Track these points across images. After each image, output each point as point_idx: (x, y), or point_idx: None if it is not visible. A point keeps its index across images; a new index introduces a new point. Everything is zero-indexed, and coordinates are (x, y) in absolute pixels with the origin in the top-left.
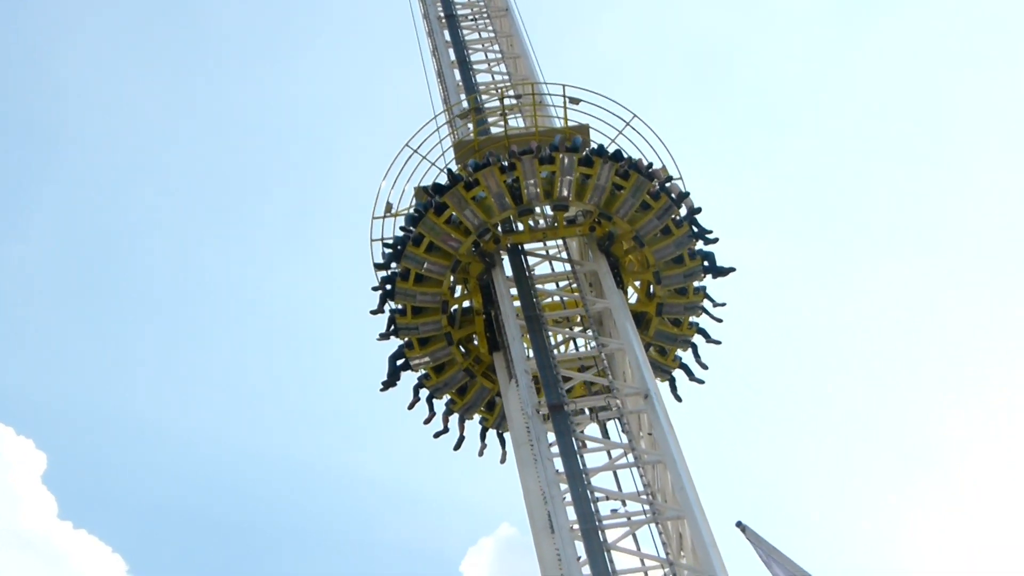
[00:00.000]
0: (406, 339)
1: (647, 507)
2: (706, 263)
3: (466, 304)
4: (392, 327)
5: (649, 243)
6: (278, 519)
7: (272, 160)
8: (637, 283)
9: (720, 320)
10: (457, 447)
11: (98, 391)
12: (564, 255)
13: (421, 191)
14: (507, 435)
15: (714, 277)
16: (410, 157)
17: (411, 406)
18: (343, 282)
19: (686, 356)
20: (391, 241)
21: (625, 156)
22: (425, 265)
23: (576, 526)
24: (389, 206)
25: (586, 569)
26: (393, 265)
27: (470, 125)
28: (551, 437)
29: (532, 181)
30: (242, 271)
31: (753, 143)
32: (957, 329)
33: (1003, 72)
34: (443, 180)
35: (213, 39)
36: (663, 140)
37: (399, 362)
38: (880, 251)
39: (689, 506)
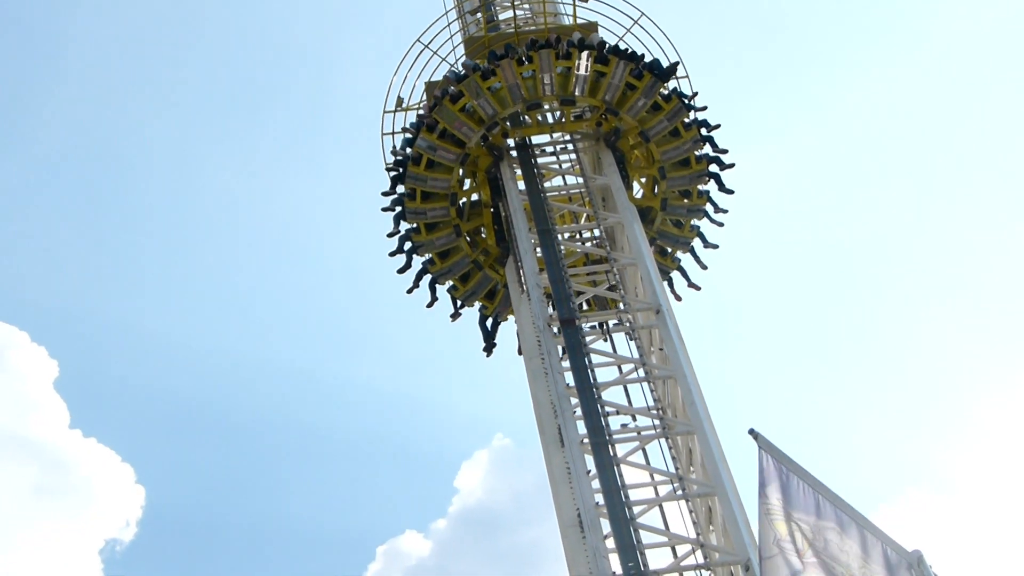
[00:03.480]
0: (413, 223)
1: (657, 422)
2: (711, 168)
3: (474, 198)
4: (400, 209)
5: (656, 142)
6: (283, 427)
7: (276, 65)
8: (643, 179)
9: (721, 224)
10: (488, 351)
11: (110, 301)
12: (572, 155)
13: (432, 86)
14: (503, 324)
15: (719, 188)
16: (421, 52)
17: (410, 290)
18: (348, 190)
19: (685, 260)
20: (409, 126)
21: (640, 57)
22: (437, 151)
23: (586, 440)
24: (400, 100)
25: (595, 483)
26: (408, 151)
27: (480, 19)
28: (562, 351)
29: (548, 76)
30: (247, 178)
31: (759, 52)
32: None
33: None
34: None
35: None
36: (670, 38)
37: (407, 245)
38: (887, 165)
39: (699, 421)
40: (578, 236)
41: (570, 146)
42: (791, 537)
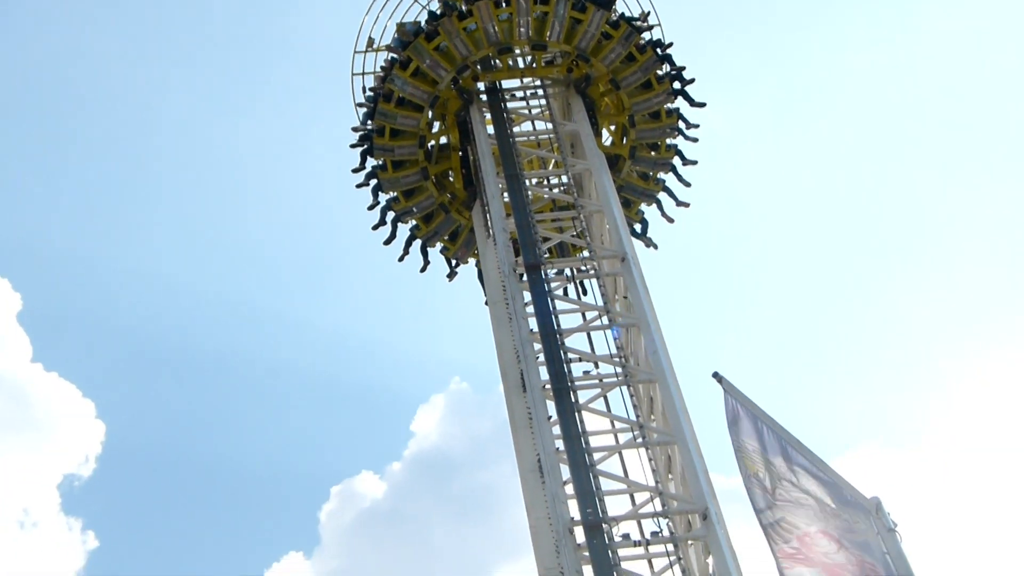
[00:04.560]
0: (380, 160)
1: (619, 370)
2: (681, 123)
3: (443, 141)
4: (367, 145)
5: (628, 92)
6: (243, 366)
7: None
8: (612, 127)
9: (689, 184)
10: (423, 270)
11: (76, 235)
12: (542, 101)
13: (403, 28)
14: (463, 267)
15: (686, 139)
16: None
17: (376, 227)
18: (315, 129)
19: (649, 211)
20: (384, 62)
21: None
22: (409, 89)
23: (548, 386)
24: (371, 41)
25: (556, 429)
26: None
27: None
28: (527, 296)
29: (525, 19)
30: (212, 114)
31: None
32: (925, 202)
33: None
34: (424, 18)
35: None
36: None
37: (372, 181)
38: (846, 118)
39: (661, 370)
40: (546, 182)
41: (540, 91)
42: (763, 475)
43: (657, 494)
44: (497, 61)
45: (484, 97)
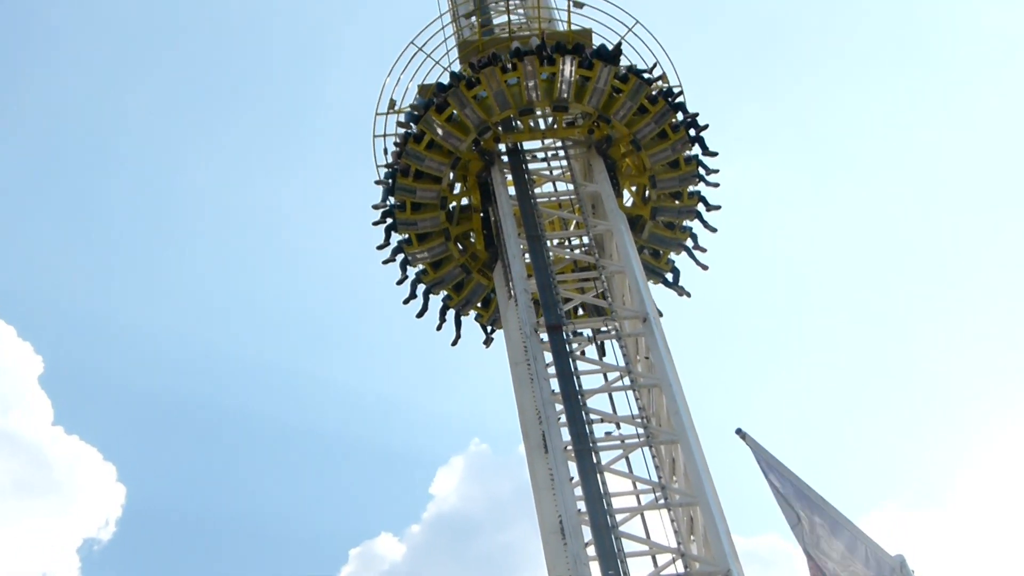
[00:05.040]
0: (405, 234)
1: (641, 431)
2: (701, 170)
3: (464, 202)
4: (391, 222)
5: (646, 147)
6: (262, 426)
7: (266, 63)
8: (634, 188)
9: (715, 230)
10: (454, 343)
11: (98, 298)
12: (564, 161)
13: (425, 89)
14: (499, 333)
15: (707, 184)
16: (414, 55)
17: (407, 300)
18: (337, 190)
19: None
20: (397, 137)
21: (625, 60)
22: (425, 161)
23: (570, 447)
24: (392, 103)
25: (578, 490)
26: (395, 163)
27: (474, 23)
28: (548, 357)
29: (532, 82)
30: (234, 177)
31: (747, 65)
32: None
33: None
34: (447, 80)
35: None
36: (664, 48)
37: (399, 257)
38: (868, 177)
39: (683, 430)
40: (567, 243)
41: (561, 152)
42: (801, 520)
43: (679, 555)
44: (519, 122)
45: (505, 158)
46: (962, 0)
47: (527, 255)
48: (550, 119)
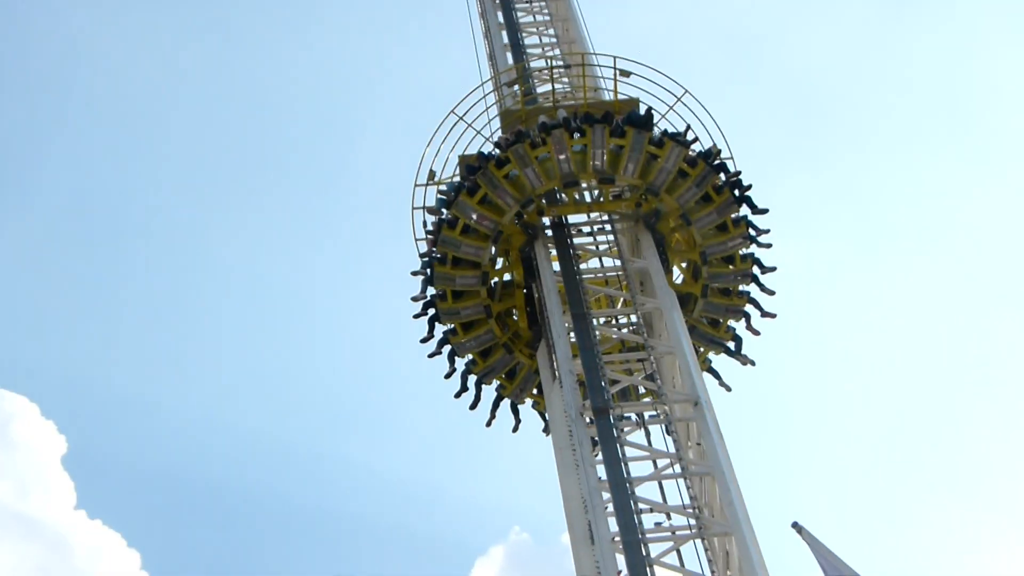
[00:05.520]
0: (440, 290)
1: (693, 521)
2: (751, 230)
3: (507, 277)
4: (434, 316)
5: (691, 212)
6: (294, 512)
7: (303, 133)
8: (684, 264)
9: (773, 292)
10: (472, 407)
11: (124, 377)
12: (610, 236)
13: (465, 160)
14: (521, 407)
15: (758, 245)
16: (455, 124)
17: (458, 395)
18: (372, 264)
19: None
20: (446, 188)
21: (658, 125)
22: (462, 247)
23: (618, 538)
24: (432, 174)
25: None
26: (444, 212)
27: (517, 91)
28: (594, 442)
29: (563, 156)
30: (265, 250)
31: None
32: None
33: None
34: (488, 149)
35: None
36: (715, 118)
37: (446, 349)
38: (917, 252)
39: (737, 522)
40: (614, 321)
41: (608, 226)
42: None
43: None
44: (563, 195)
45: (549, 232)
46: (1015, 74)
47: (572, 334)
48: (596, 191)
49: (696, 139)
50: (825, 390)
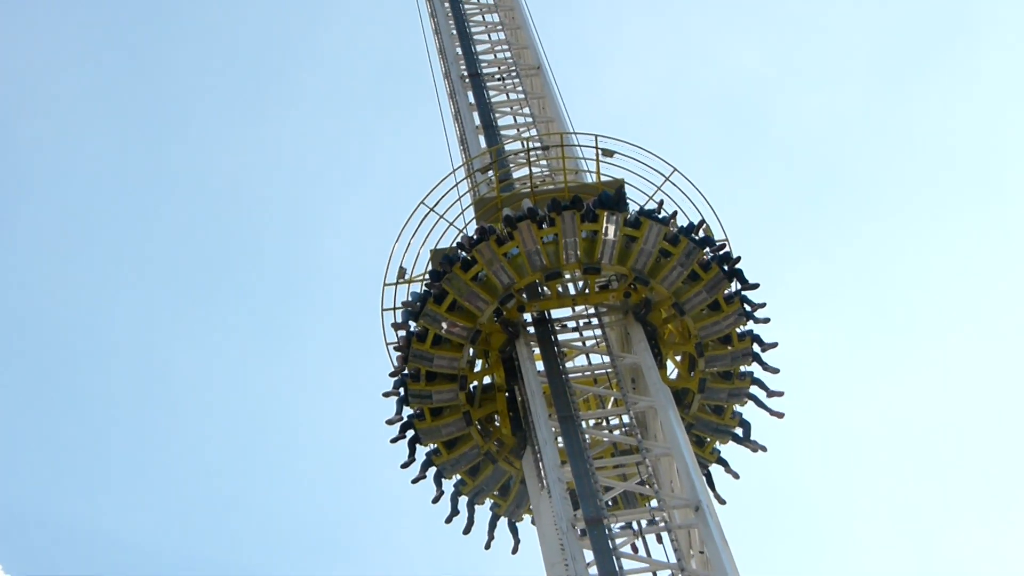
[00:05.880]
0: (417, 408)
1: None
2: (745, 305)
3: (487, 381)
4: (414, 438)
5: (693, 316)
6: None
7: (264, 228)
8: (678, 357)
9: (776, 371)
10: (466, 531)
11: (73, 505)
12: (597, 330)
13: (438, 254)
14: (519, 524)
15: (762, 368)
16: (425, 216)
17: (449, 519)
18: (341, 372)
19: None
20: (411, 299)
21: (673, 220)
22: (445, 326)
23: None
24: (403, 271)
25: None
26: (412, 325)
27: (492, 178)
28: (588, 556)
29: (572, 240)
30: (226, 360)
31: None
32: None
33: None
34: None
35: (199, 97)
36: (707, 197)
37: (409, 433)
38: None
39: None
40: (605, 423)
41: (595, 320)
42: None
43: None
44: (545, 288)
45: (531, 329)
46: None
47: (560, 439)
48: (580, 283)
49: (676, 213)
50: (839, 472)
